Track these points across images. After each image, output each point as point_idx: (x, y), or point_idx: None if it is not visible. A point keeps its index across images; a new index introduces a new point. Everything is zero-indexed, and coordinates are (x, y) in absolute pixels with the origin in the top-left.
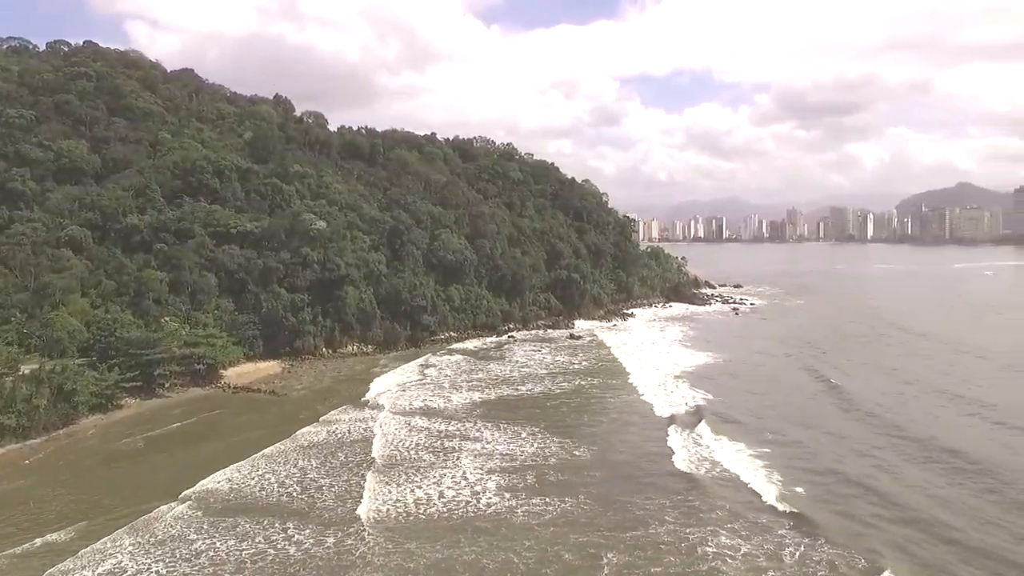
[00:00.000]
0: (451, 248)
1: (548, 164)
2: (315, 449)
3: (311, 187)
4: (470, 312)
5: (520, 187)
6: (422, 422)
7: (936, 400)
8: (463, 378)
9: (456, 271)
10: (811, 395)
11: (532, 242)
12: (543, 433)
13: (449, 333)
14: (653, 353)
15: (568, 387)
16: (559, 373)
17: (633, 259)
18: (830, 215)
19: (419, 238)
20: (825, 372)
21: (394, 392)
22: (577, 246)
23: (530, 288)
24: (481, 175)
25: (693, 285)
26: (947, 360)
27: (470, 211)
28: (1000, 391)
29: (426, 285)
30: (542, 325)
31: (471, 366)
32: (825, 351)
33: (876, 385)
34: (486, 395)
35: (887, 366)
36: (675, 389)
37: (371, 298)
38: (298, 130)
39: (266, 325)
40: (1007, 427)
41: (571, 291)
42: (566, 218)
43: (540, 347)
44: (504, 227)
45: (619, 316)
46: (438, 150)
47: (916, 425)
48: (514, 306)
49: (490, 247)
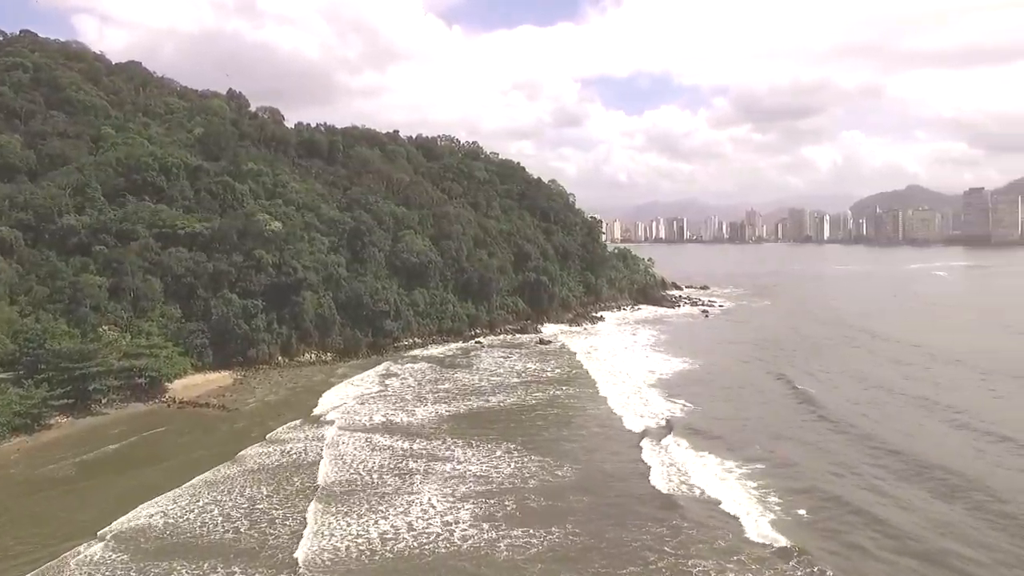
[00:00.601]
0: (415, 250)
1: (514, 164)
2: (267, 473)
3: (266, 186)
4: (435, 317)
5: (486, 187)
6: (384, 440)
7: (913, 408)
8: (429, 389)
9: (420, 274)
10: (788, 405)
11: (499, 243)
12: (520, 451)
13: (413, 339)
14: (626, 359)
15: (543, 397)
16: (532, 382)
17: (601, 261)
18: (788, 216)
19: (381, 240)
20: (800, 380)
21: (353, 406)
22: (545, 247)
23: (497, 291)
24: (446, 174)
25: (661, 287)
26: (917, 364)
27: (434, 211)
28: (973, 397)
29: (389, 289)
30: (510, 329)
31: (437, 375)
32: (796, 356)
33: (851, 393)
34: (455, 408)
35: (859, 372)
36: (651, 400)
37: (330, 303)
38: (253, 126)
39: (216, 333)
40: (993, 439)
41: (539, 294)
42: (533, 219)
43: (509, 353)
44: (470, 228)
45: (588, 319)
46: (401, 148)
47: (899, 437)
48: (481, 310)
49: (456, 249)
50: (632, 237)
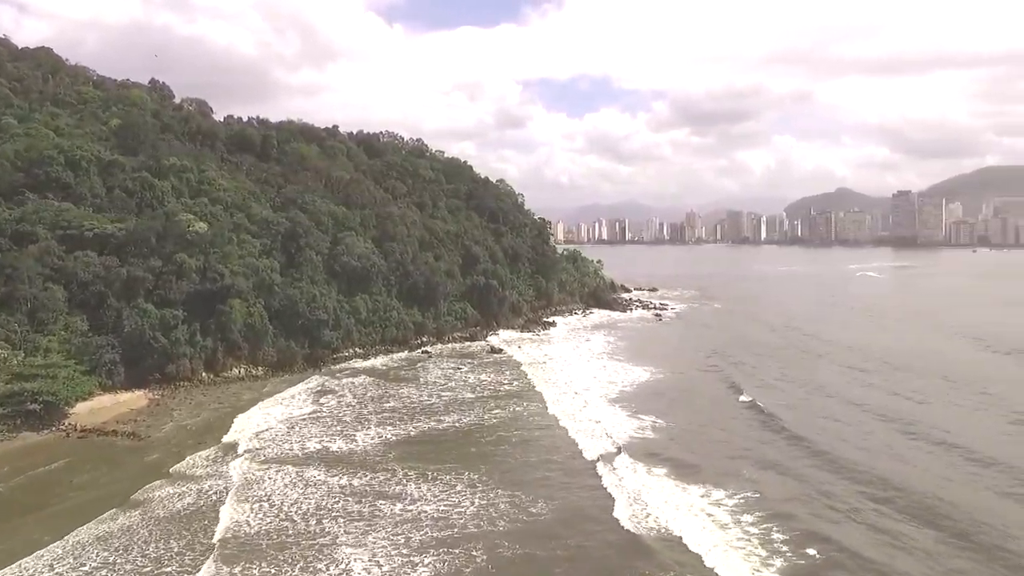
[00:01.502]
0: (356, 253)
1: (461, 162)
2: (177, 522)
3: (190, 183)
4: (379, 325)
5: (432, 186)
6: (318, 474)
7: (883, 425)
8: (371, 408)
9: (362, 279)
10: (754, 424)
11: (446, 246)
12: (484, 483)
13: (354, 349)
14: (584, 370)
15: (503, 416)
16: (489, 397)
17: (552, 263)
18: (726, 218)
19: (319, 242)
20: (765, 394)
21: (281, 431)
22: (494, 250)
23: (445, 296)
24: (389, 172)
25: (611, 290)
26: (871, 371)
27: (377, 212)
28: (934, 409)
29: (327, 295)
30: (459, 337)
31: (381, 390)
32: (755, 366)
33: (817, 408)
34: (403, 431)
35: (818, 382)
36: (618, 419)
37: (261, 312)
38: (177, 118)
39: (129, 348)
40: (975, 462)
41: (489, 299)
42: (481, 220)
43: (460, 364)
44: (415, 229)
45: (540, 325)
46: (340, 144)
47: (880, 462)
48: (428, 317)
49: (400, 251)
50: (575, 238)
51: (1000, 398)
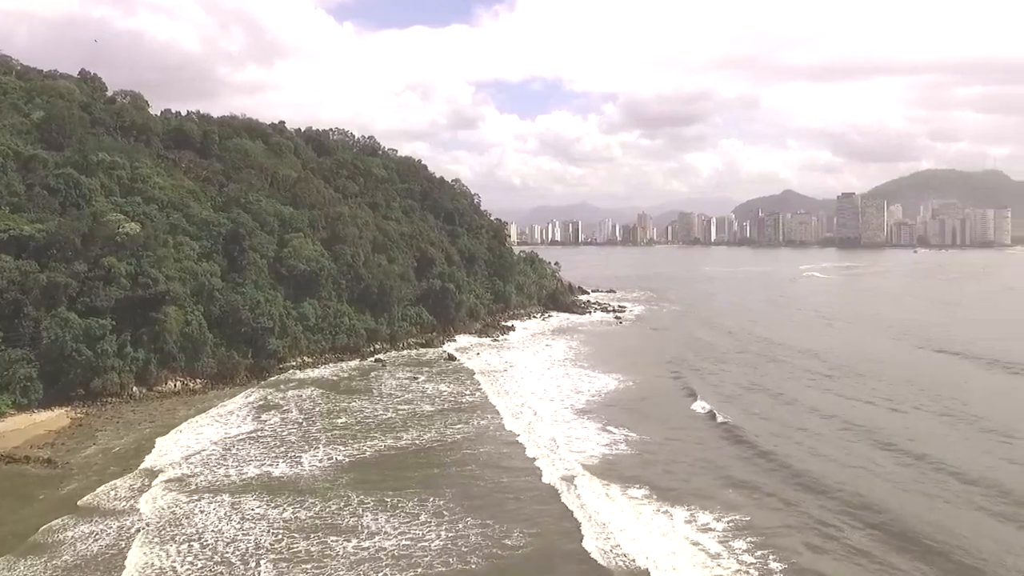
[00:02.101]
0: (304, 256)
1: (415, 161)
2: (86, 572)
3: (122, 181)
4: (328, 332)
5: (384, 186)
6: (257, 505)
7: (852, 436)
8: (320, 424)
9: (311, 283)
10: (727, 440)
11: (400, 248)
12: (451, 511)
13: (302, 358)
14: (548, 378)
15: (468, 431)
16: (450, 410)
17: (509, 266)
18: (677, 219)
19: (264, 244)
20: (730, 405)
21: (216, 453)
22: (450, 252)
23: (399, 301)
24: (340, 171)
25: (569, 292)
26: (831, 378)
27: (327, 212)
28: (899, 421)
29: (273, 301)
30: (414, 344)
31: (331, 404)
32: (720, 373)
33: (785, 420)
34: (356, 450)
35: (784, 392)
36: (589, 434)
37: (200, 320)
38: (108, 112)
39: (49, 361)
40: (949, 475)
41: (445, 303)
42: (437, 221)
43: (416, 373)
44: (368, 231)
45: (498, 330)
46: (288, 141)
47: (859, 481)
48: (381, 323)
49: (352, 254)
50: (528, 240)
51: (962, 404)
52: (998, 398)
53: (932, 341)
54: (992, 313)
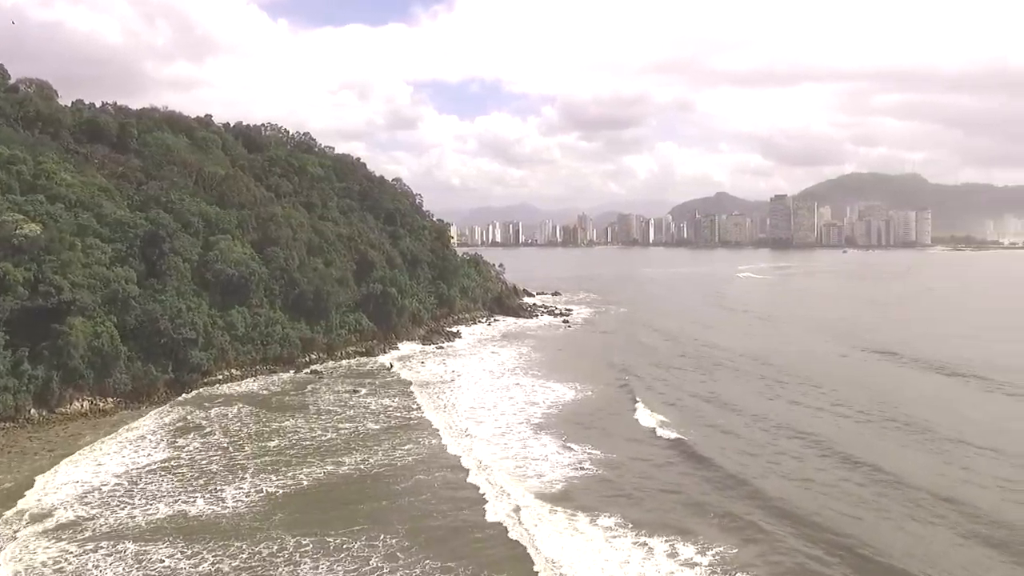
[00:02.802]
0: (232, 259)
1: (353, 159)
2: None
3: (22, 177)
4: (259, 342)
5: (321, 184)
6: (171, 554)
7: (815, 454)
8: (249, 449)
9: (239, 289)
10: (690, 462)
11: (338, 250)
12: (407, 552)
13: (229, 371)
14: (500, 387)
15: (419, 452)
16: (398, 428)
17: (454, 268)
18: (617, 221)
19: (187, 247)
20: (685, 419)
21: (120, 488)
22: (391, 254)
23: (337, 307)
24: (272, 169)
25: (515, 295)
26: (780, 386)
27: (258, 212)
28: (853, 432)
29: (196, 309)
30: (354, 353)
31: (261, 423)
32: (668, 381)
33: (746, 436)
34: (291, 480)
35: (737, 404)
36: (547, 449)
37: (112, 331)
38: (9, 101)
39: None
40: (915, 495)
41: (387, 309)
42: (377, 222)
43: (357, 385)
44: (302, 232)
45: (443, 336)
46: (215, 136)
47: (838, 509)
48: (317, 331)
49: (285, 257)
50: (469, 241)
51: (905, 411)
52: (938, 403)
53: (871, 343)
54: (922, 313)
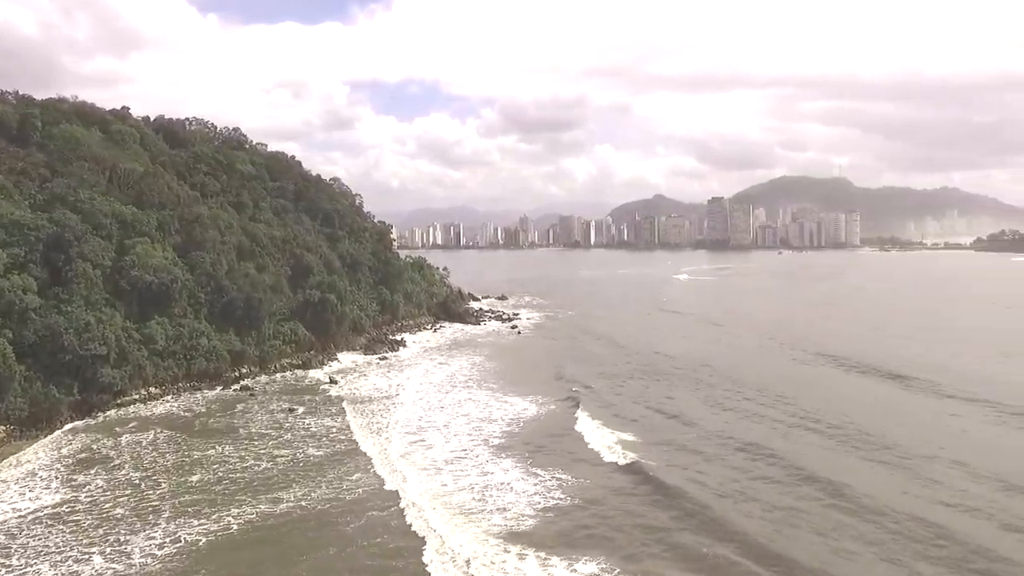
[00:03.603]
0: (151, 265)
1: (287, 157)
2: None
3: None
4: (182, 356)
5: (253, 183)
6: None
7: (793, 484)
8: (166, 486)
9: (159, 298)
10: (661, 488)
11: (271, 254)
12: None
13: (148, 390)
14: (451, 403)
15: (368, 483)
16: (344, 454)
17: (397, 272)
18: (558, 223)
19: (98, 252)
20: (659, 439)
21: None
22: (329, 258)
23: (270, 316)
24: (197, 166)
25: (460, 299)
26: (736, 398)
27: (182, 213)
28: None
29: (109, 321)
30: (289, 365)
31: (182, 453)
32: (633, 391)
33: (720, 461)
34: (216, 525)
35: (697, 419)
36: (510, 475)
37: (5, 348)
38: None
39: None
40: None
41: (325, 317)
42: (314, 223)
43: (294, 403)
44: (232, 235)
45: (387, 345)
46: (132, 130)
47: (815, 548)
48: (248, 342)
49: (212, 262)
50: (409, 243)
51: (856, 421)
52: (887, 411)
53: (819, 347)
54: (861, 314)
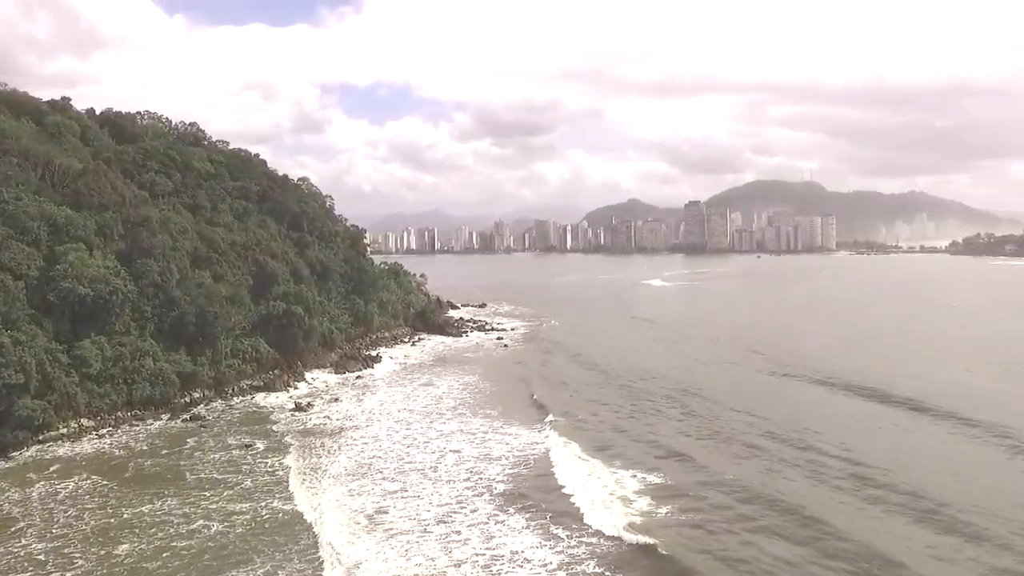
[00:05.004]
0: (87, 275)
1: (251, 155)
2: None
3: None
4: (122, 381)
5: (211, 183)
6: None
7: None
8: (82, 564)
9: (96, 313)
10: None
11: (230, 261)
12: None
13: (78, 422)
14: (439, 435)
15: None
16: (285, 523)
17: (371, 280)
18: (534, 227)
19: (21, 259)
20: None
21: None
22: (297, 265)
23: (228, 332)
24: (148, 163)
25: (439, 308)
26: (724, 427)
27: (127, 215)
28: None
29: (28, 343)
30: (249, 388)
31: (108, 509)
32: (650, 411)
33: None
34: None
35: (696, 459)
36: (524, 541)
37: None
38: None
39: None
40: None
41: (291, 331)
42: (280, 227)
43: (254, 434)
44: (185, 239)
45: (360, 361)
46: (71, 122)
47: None
48: (201, 362)
49: (160, 271)
50: (383, 248)
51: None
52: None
53: (823, 372)
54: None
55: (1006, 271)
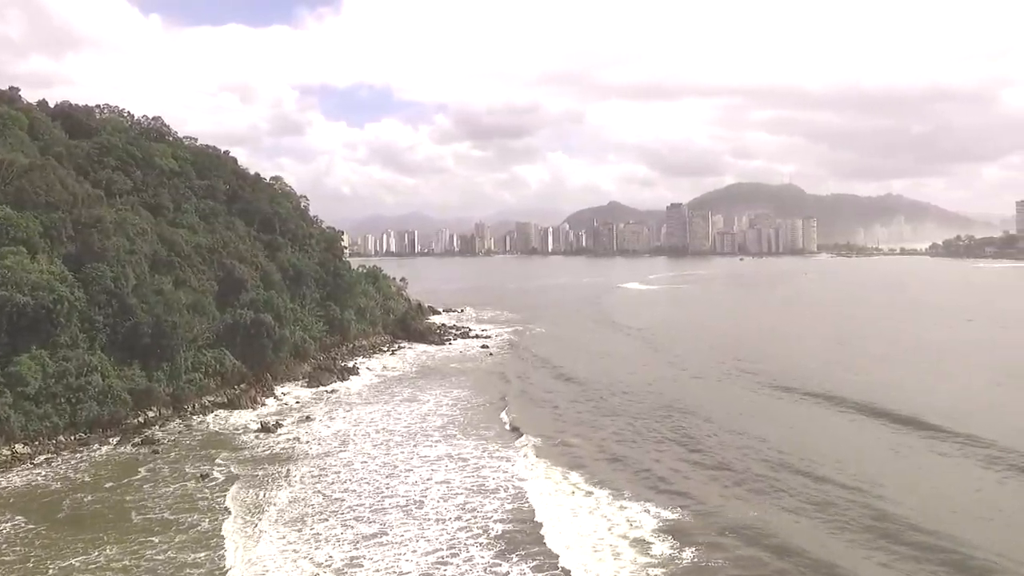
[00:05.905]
0: (27, 281)
1: (219, 152)
2: None
3: None
4: (64, 401)
5: (175, 181)
6: None
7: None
8: None
9: (36, 325)
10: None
11: (194, 266)
12: None
13: (12, 449)
14: (424, 461)
15: None
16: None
17: (348, 285)
18: (515, 229)
19: None
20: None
21: None
22: (268, 270)
23: (189, 343)
24: (104, 159)
25: (420, 314)
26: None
27: (77, 216)
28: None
29: None
30: (212, 405)
31: (30, 566)
32: (667, 430)
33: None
34: None
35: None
36: None
37: None
38: None
39: None
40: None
41: (260, 342)
42: (250, 229)
43: (213, 463)
44: (144, 242)
45: (336, 374)
46: (18, 114)
47: None
48: (158, 378)
49: (114, 276)
50: (362, 251)
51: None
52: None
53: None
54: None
55: (989, 273)
